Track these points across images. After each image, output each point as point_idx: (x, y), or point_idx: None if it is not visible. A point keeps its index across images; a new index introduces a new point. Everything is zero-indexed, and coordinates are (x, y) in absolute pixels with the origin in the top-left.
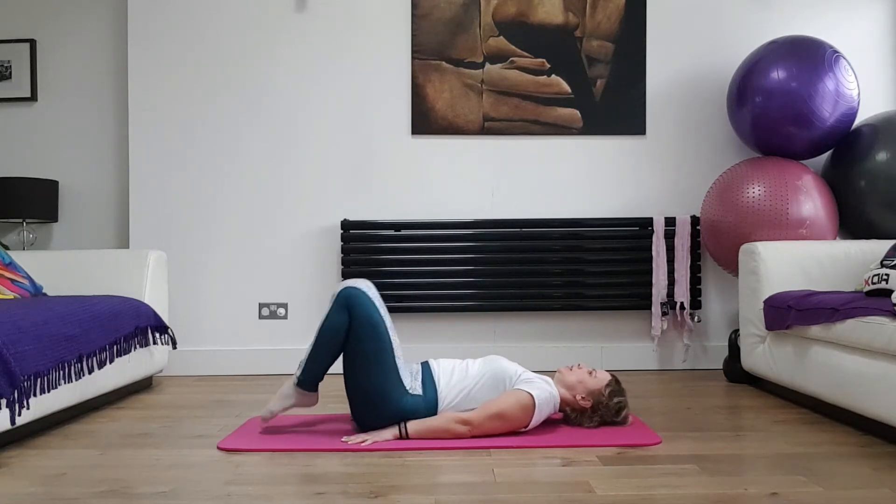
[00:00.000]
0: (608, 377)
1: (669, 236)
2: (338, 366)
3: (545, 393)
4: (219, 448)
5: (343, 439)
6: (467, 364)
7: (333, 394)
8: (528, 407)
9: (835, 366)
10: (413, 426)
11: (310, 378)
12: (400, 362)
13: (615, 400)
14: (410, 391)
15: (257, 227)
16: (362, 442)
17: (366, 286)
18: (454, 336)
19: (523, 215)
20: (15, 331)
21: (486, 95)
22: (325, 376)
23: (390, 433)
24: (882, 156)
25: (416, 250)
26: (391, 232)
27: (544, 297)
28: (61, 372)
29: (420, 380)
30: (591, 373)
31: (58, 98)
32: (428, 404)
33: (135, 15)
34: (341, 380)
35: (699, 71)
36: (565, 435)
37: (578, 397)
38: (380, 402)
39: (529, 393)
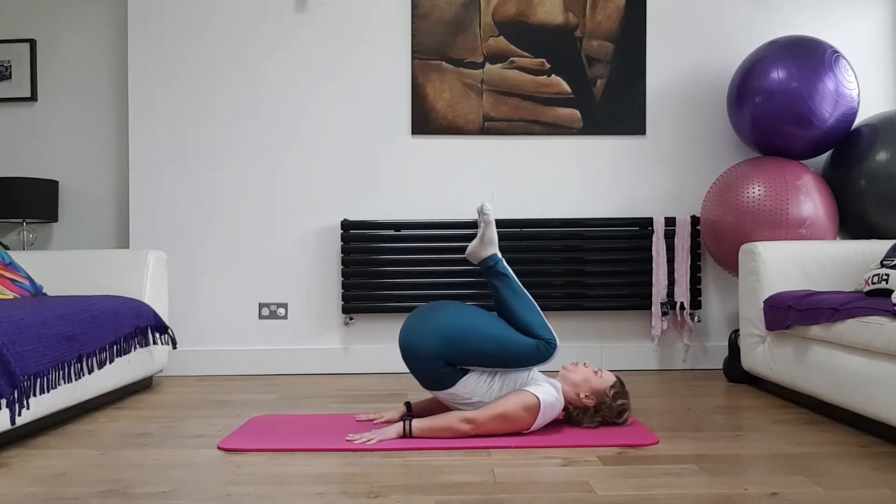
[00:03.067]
0: (613, 378)
1: (669, 236)
2: (337, 366)
3: (551, 397)
4: (219, 448)
5: (348, 438)
6: None
7: (333, 394)
8: (533, 409)
9: (835, 366)
10: (417, 424)
11: None
12: None
13: (619, 402)
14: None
15: (257, 227)
16: (368, 441)
17: None
18: None
19: (523, 215)
20: (15, 331)
21: (486, 95)
22: (324, 376)
23: (395, 431)
24: (882, 156)
25: (416, 250)
26: (391, 232)
27: (544, 297)
28: (61, 372)
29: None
30: (596, 372)
31: (58, 98)
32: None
33: (135, 15)
34: (340, 380)
35: (699, 71)
36: (565, 435)
37: (582, 395)
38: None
39: (536, 395)
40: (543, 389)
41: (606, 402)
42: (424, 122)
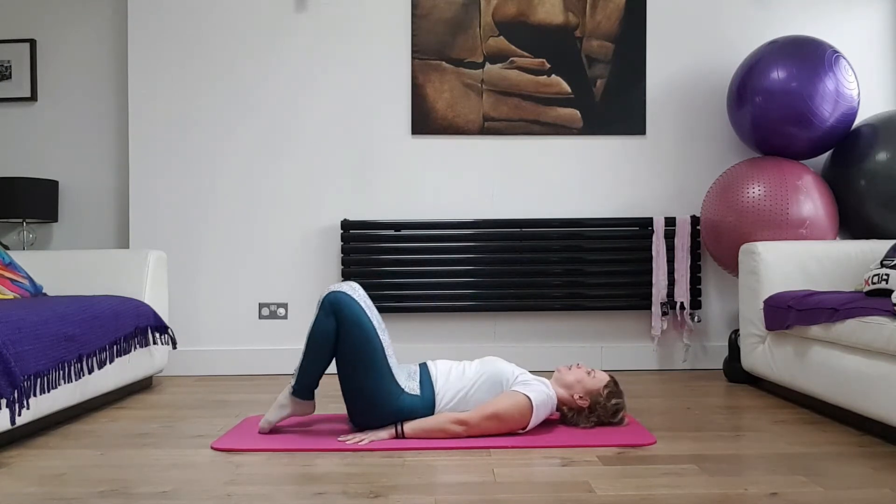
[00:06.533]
0: (607, 378)
1: (669, 236)
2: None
3: (542, 395)
4: (212, 448)
5: (339, 438)
6: (464, 365)
7: (332, 394)
8: (525, 408)
9: (835, 366)
10: (409, 426)
11: (304, 386)
12: (392, 361)
13: (613, 401)
14: (408, 391)
15: (257, 227)
16: (359, 441)
17: (351, 289)
18: (454, 336)
19: (523, 215)
20: (15, 331)
21: (486, 95)
22: (324, 376)
23: (387, 433)
24: (882, 156)
25: (416, 250)
26: (391, 232)
27: (544, 297)
28: (61, 372)
29: (418, 380)
30: (589, 373)
31: (58, 98)
32: (425, 404)
33: (135, 15)
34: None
35: (699, 71)
36: (565, 435)
37: (576, 396)
38: (376, 402)
39: (526, 395)
40: (534, 388)
41: (601, 402)
42: (424, 122)
